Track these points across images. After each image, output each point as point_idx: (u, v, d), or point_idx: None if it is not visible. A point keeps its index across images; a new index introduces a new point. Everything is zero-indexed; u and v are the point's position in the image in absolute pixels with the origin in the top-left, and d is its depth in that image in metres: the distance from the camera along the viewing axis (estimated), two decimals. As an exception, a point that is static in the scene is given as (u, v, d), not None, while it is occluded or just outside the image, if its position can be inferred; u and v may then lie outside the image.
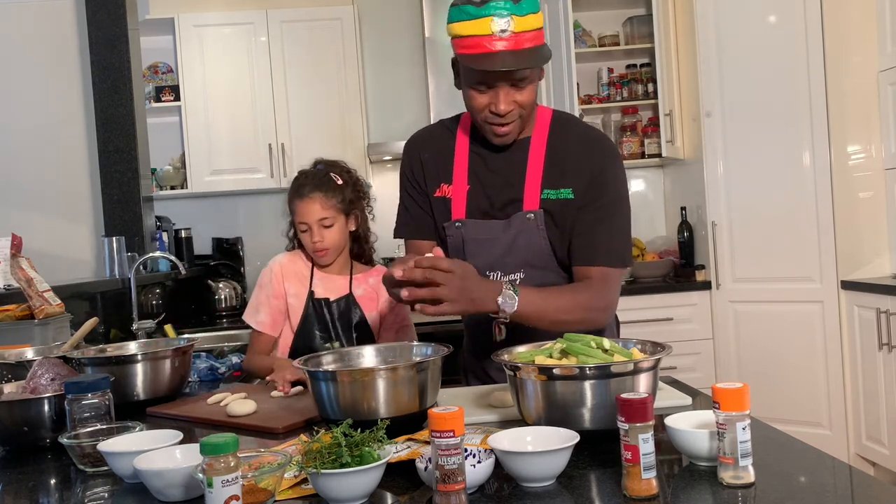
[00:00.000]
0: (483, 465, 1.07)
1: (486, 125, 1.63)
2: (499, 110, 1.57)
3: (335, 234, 2.11)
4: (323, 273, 2.18)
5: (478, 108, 1.61)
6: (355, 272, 2.19)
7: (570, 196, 1.67)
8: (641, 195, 4.69)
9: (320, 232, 2.09)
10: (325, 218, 2.09)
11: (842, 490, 1.06)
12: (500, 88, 1.56)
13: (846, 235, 3.62)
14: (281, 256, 2.25)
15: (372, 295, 2.16)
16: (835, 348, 3.61)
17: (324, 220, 2.09)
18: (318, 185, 2.10)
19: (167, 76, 4.68)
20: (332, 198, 2.09)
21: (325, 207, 2.08)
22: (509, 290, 1.46)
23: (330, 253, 2.12)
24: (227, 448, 0.95)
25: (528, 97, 1.59)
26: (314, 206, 2.08)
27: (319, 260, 2.15)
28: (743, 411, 1.02)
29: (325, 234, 2.09)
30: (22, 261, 2.24)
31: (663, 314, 3.86)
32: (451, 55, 1.64)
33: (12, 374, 1.79)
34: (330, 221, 2.09)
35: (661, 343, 1.35)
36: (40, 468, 1.37)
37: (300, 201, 2.10)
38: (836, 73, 3.61)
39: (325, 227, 2.09)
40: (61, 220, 4.10)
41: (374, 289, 2.16)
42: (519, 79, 1.55)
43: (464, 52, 1.54)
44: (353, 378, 1.32)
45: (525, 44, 1.51)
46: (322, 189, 2.09)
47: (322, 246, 2.10)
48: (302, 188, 2.11)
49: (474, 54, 1.51)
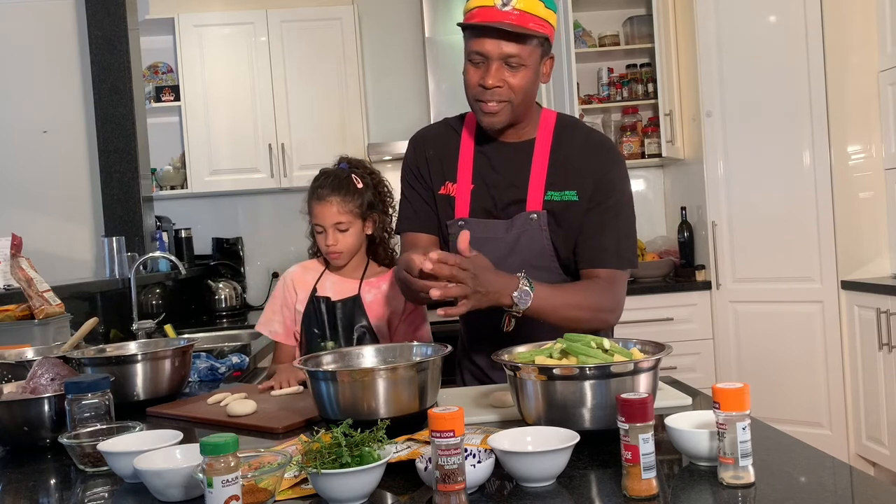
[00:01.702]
0: (483, 465, 1.07)
1: (476, 103, 1.65)
2: (486, 83, 1.59)
3: (350, 238, 2.08)
4: (334, 275, 2.16)
5: (471, 84, 1.63)
6: (368, 275, 2.14)
7: (573, 198, 1.68)
8: (641, 195, 4.69)
9: (335, 235, 2.06)
10: (341, 222, 2.05)
11: (842, 490, 1.06)
12: (493, 62, 1.58)
13: (846, 235, 3.62)
14: (295, 267, 2.23)
15: (381, 301, 2.11)
16: (835, 348, 3.61)
17: (339, 224, 2.05)
18: (336, 187, 2.06)
19: (167, 76, 4.68)
20: (349, 202, 2.05)
21: (342, 212, 2.05)
22: (525, 285, 1.48)
23: (343, 256, 2.09)
24: (227, 448, 0.95)
25: (521, 82, 1.61)
26: (331, 210, 2.05)
27: (332, 262, 2.13)
28: (743, 411, 1.02)
29: (339, 238, 2.07)
30: (22, 261, 2.24)
31: (663, 314, 3.86)
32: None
33: (12, 374, 1.79)
34: (346, 226, 2.06)
35: (661, 343, 1.35)
36: (40, 468, 1.37)
37: (317, 203, 2.07)
38: (836, 73, 3.61)
39: (340, 231, 2.06)
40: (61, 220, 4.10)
41: (385, 295, 2.11)
42: (511, 54, 1.57)
43: (466, 21, 1.59)
44: (353, 378, 1.32)
45: (528, 24, 1.55)
46: (340, 192, 2.05)
47: (336, 249, 2.07)
48: (320, 190, 2.08)
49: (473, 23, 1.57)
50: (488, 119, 1.65)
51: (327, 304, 2.11)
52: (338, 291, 2.13)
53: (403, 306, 2.10)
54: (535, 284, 1.50)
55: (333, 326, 2.10)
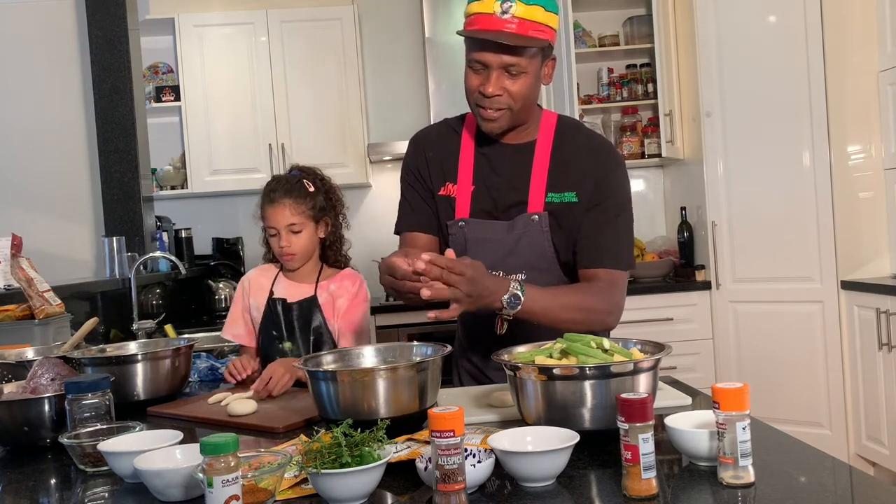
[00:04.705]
0: (483, 465, 1.07)
1: (477, 108, 1.65)
2: (486, 91, 1.59)
3: (303, 240, 2.13)
4: (289, 279, 2.21)
5: (470, 89, 1.64)
6: (323, 277, 2.19)
7: (573, 199, 1.68)
8: (641, 195, 4.69)
9: (288, 238, 2.12)
10: (294, 224, 2.11)
11: (842, 490, 1.06)
12: (493, 71, 1.58)
13: (846, 235, 3.62)
14: (253, 271, 2.31)
15: (330, 301, 2.16)
16: (835, 348, 3.61)
17: (292, 226, 2.11)
18: (288, 190, 2.13)
19: (167, 76, 4.68)
20: (301, 204, 2.12)
21: (294, 214, 2.11)
22: (516, 288, 1.47)
23: (297, 258, 2.15)
24: (227, 448, 0.95)
25: (520, 89, 1.60)
26: (283, 212, 2.11)
27: (286, 264, 2.18)
28: (743, 411, 1.03)
29: (292, 240, 2.12)
30: (22, 261, 2.24)
31: (663, 314, 3.86)
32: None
33: (12, 374, 1.79)
34: (298, 228, 2.12)
35: (661, 343, 1.35)
36: (40, 468, 1.37)
37: (270, 206, 2.13)
38: (836, 73, 3.61)
39: (293, 233, 2.12)
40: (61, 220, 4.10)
41: (333, 295, 2.16)
42: (510, 64, 1.57)
43: (466, 28, 1.58)
44: (353, 378, 1.32)
45: (529, 31, 1.54)
46: (292, 195, 2.12)
47: (289, 251, 2.13)
48: (272, 193, 2.14)
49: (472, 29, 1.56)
50: (489, 125, 1.66)
51: (284, 305, 2.15)
52: (293, 294, 2.17)
53: (347, 305, 2.14)
54: (527, 287, 1.49)
55: (290, 328, 2.13)
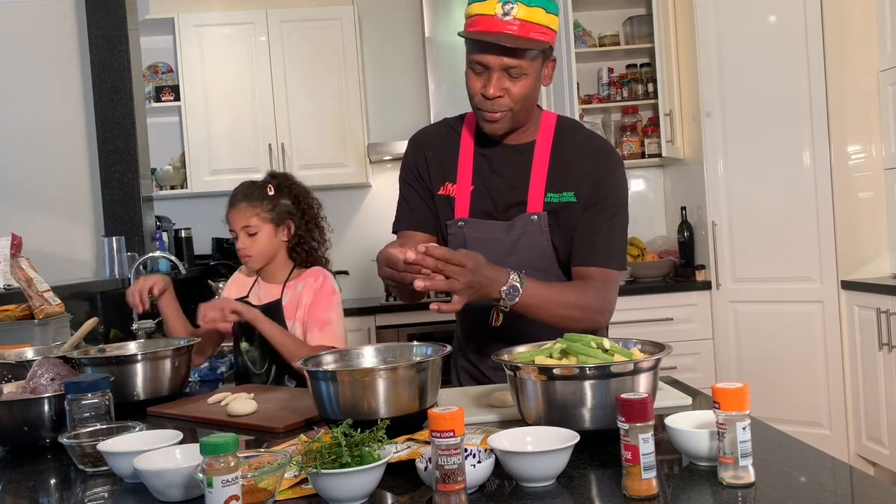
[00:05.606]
0: (483, 465, 1.07)
1: (478, 110, 1.65)
2: (487, 93, 1.60)
3: (260, 243, 2.18)
4: (263, 280, 2.26)
5: (472, 91, 1.64)
6: (291, 278, 2.23)
7: (572, 199, 1.68)
8: (641, 195, 4.69)
9: (244, 239, 2.18)
10: (249, 226, 2.17)
11: (842, 490, 1.06)
12: (494, 73, 1.58)
13: (846, 235, 3.62)
14: (238, 271, 2.38)
15: (295, 300, 2.18)
16: (835, 348, 3.60)
17: (248, 228, 2.17)
18: (246, 193, 2.20)
19: (167, 76, 4.68)
20: (257, 206, 2.17)
21: (250, 215, 2.17)
22: (515, 280, 1.47)
23: (254, 259, 2.19)
24: (227, 448, 0.95)
25: (521, 91, 1.60)
26: (239, 214, 2.18)
27: (245, 264, 2.24)
28: (743, 411, 1.02)
29: (248, 242, 2.18)
30: (22, 261, 2.24)
31: (663, 314, 3.86)
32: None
33: (12, 374, 1.79)
34: (254, 230, 2.17)
35: (661, 343, 1.35)
36: (40, 468, 1.37)
37: (229, 209, 2.22)
38: (836, 73, 3.61)
39: (249, 235, 2.17)
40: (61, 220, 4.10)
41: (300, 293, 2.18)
42: (511, 66, 1.57)
43: (466, 29, 1.58)
44: (353, 378, 1.32)
45: (530, 33, 1.53)
46: (248, 198, 2.19)
47: (246, 253, 2.18)
48: (233, 197, 2.22)
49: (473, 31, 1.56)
50: (490, 126, 1.66)
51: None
52: (264, 295, 2.23)
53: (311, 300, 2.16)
54: (526, 280, 1.50)
55: (249, 329, 2.15)
